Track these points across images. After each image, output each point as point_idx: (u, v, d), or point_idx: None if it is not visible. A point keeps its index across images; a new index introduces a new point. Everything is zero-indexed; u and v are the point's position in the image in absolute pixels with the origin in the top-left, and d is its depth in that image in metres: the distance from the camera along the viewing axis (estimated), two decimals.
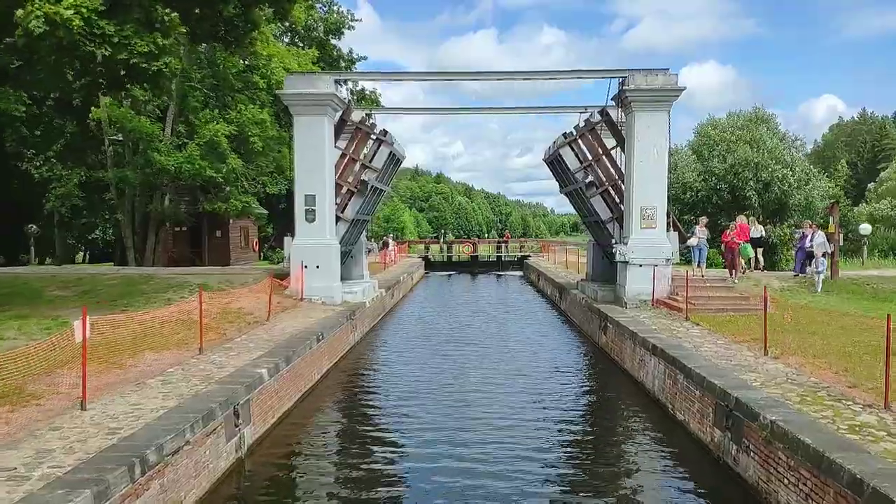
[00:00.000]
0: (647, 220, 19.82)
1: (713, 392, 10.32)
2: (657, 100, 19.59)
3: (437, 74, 20.15)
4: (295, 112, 20.06)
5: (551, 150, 22.94)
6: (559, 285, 27.86)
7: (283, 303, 19.14)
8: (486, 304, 30.13)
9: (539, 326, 23.69)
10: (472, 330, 22.63)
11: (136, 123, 29.01)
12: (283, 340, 14.13)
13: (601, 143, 21.40)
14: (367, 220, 24.38)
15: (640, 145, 19.70)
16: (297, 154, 20.11)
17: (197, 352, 12.71)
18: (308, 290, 19.88)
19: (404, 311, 28.05)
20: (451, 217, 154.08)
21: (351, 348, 18.49)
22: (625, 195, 20.53)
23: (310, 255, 19.91)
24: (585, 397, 14.66)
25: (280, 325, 16.38)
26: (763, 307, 17.81)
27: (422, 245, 58.41)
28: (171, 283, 20.55)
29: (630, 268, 19.67)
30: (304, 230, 20.11)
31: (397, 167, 24.53)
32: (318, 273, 19.94)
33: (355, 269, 25.23)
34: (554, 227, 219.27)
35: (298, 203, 20.11)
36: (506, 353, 18.68)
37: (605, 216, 21.13)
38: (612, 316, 17.75)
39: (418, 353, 18.88)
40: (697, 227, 21.11)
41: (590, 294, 22.25)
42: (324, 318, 17.64)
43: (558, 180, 24.52)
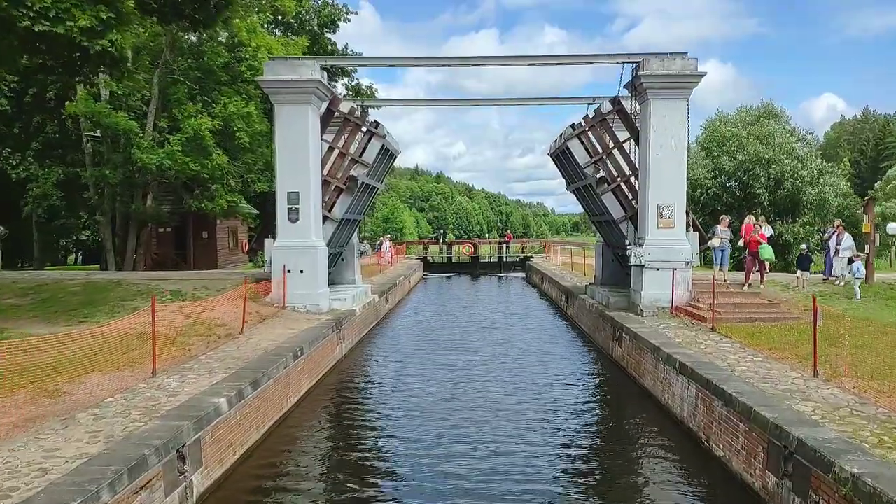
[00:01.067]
0: (664, 219, 17.98)
1: (763, 427, 8.48)
2: (675, 86, 17.76)
3: (432, 60, 18.36)
4: (276, 101, 18.23)
5: (557, 143, 21.11)
6: (566, 289, 26.01)
7: (263, 312, 17.31)
8: (488, 309, 28.29)
9: (545, 334, 21.84)
10: (473, 339, 20.81)
11: (114, 119, 27.19)
12: (254, 358, 12.29)
13: (613, 135, 19.55)
14: (358, 220, 22.55)
15: (656, 137, 17.87)
16: (278, 147, 18.28)
17: (150, 374, 10.88)
18: (291, 298, 18.03)
19: (400, 318, 26.21)
20: (451, 217, 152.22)
21: (337, 363, 16.64)
22: (639, 192, 18.70)
23: (293, 259, 18.07)
24: (599, 421, 12.81)
25: (255, 338, 14.55)
26: (797, 316, 16.13)
27: (420, 246, 56.55)
28: (142, 289, 18.75)
29: (646, 272, 17.83)
30: (287, 231, 18.27)
31: (391, 162, 22.69)
32: (303, 278, 18.10)
33: (346, 272, 23.41)
34: (555, 226, 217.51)
35: (280, 201, 18.27)
36: (509, 366, 16.87)
37: (618, 215, 19.29)
38: (628, 326, 15.91)
39: (412, 366, 17.06)
40: (719, 226, 19.25)
41: (600, 300, 20.41)
42: (306, 329, 15.81)
43: (565, 176, 22.67)
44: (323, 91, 18.47)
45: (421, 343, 20.31)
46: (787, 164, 39.98)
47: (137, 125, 28.27)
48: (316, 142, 18.63)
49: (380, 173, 21.99)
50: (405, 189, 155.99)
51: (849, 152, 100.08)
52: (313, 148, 18.33)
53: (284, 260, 18.07)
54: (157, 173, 28.53)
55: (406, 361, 17.66)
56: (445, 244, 53.60)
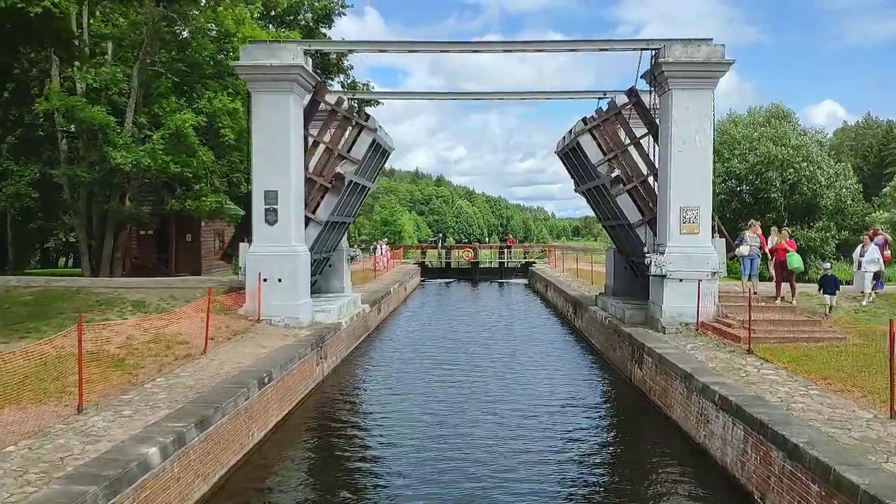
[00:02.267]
0: (687, 223, 16.01)
1: (852, 496, 6.49)
2: (700, 75, 15.82)
3: (428, 45, 16.41)
4: (253, 89, 16.27)
5: (566, 139, 19.14)
6: (573, 299, 24.01)
7: (234, 326, 15.31)
8: (489, 320, 26.28)
9: (551, 351, 19.82)
10: (473, 355, 18.81)
11: (88, 113, 25.21)
12: (209, 388, 10.29)
13: (629, 131, 17.59)
14: (347, 223, 20.56)
15: (679, 131, 15.92)
16: (255, 141, 16.31)
17: (74, 411, 8.88)
18: (267, 310, 16.03)
19: (393, 330, 24.19)
20: (451, 221, 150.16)
21: (316, 386, 14.61)
22: (659, 193, 16.73)
23: (270, 266, 16.08)
24: (621, 460, 10.80)
25: (219, 359, 12.55)
26: (842, 335, 14.11)
27: (418, 250, 54.53)
28: (102, 299, 16.75)
29: (668, 283, 15.84)
30: (264, 234, 16.29)
31: (383, 160, 20.72)
32: (280, 288, 16.10)
33: (334, 280, 21.42)
34: (555, 231, 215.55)
35: (256, 201, 16.30)
36: (513, 389, 14.90)
37: (634, 218, 17.31)
38: (651, 346, 13.91)
39: (404, 389, 15.07)
40: (747, 232, 17.25)
41: (614, 312, 18.40)
42: (281, 347, 13.81)
43: (574, 176, 20.69)
44: (306, 78, 16.51)
45: (415, 360, 18.31)
46: (804, 167, 38.04)
47: (115, 120, 26.31)
48: (298, 135, 16.67)
49: (371, 172, 20.01)
50: (405, 192, 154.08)
51: (851, 158, 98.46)
52: (295, 142, 16.36)
53: (260, 267, 16.08)
54: (136, 172, 26.61)
55: (397, 383, 15.66)
56: (444, 248, 51.54)
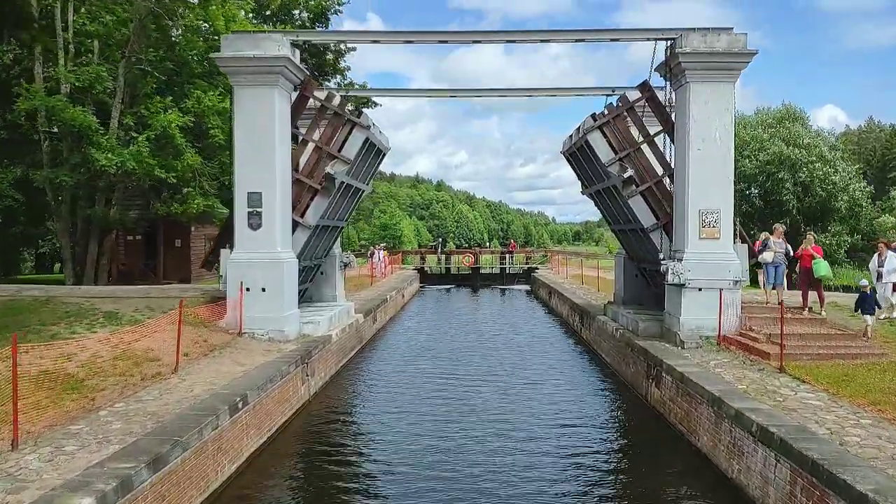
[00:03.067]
0: (707, 227, 14.74)
1: None
2: (720, 67, 14.58)
3: (424, 35, 15.15)
4: (236, 83, 15.04)
5: (573, 138, 17.88)
6: (579, 308, 22.70)
7: (212, 340, 14.02)
8: (490, 330, 24.97)
9: (557, 364, 18.50)
10: (473, 368, 17.52)
11: (69, 113, 23.97)
12: (173, 415, 9.01)
13: (642, 127, 16.32)
14: (339, 228, 19.28)
15: (697, 128, 14.67)
16: (237, 139, 15.08)
17: (9, 445, 7.59)
18: (249, 322, 14.75)
19: (389, 341, 22.88)
20: (452, 225, 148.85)
21: (302, 407, 13.29)
22: (675, 195, 15.47)
23: (253, 274, 14.81)
24: (637, 494, 9.47)
25: (190, 379, 11.27)
26: (881, 351, 12.79)
27: (418, 255, 53.22)
28: (72, 310, 15.48)
29: (686, 292, 14.56)
30: (247, 240, 15.02)
31: (378, 160, 19.45)
32: (265, 298, 14.82)
33: (326, 288, 20.15)
34: (556, 235, 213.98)
35: (239, 204, 15.05)
36: (516, 406, 13.63)
37: (648, 223, 16.03)
38: (670, 363, 12.61)
39: (398, 408, 13.78)
40: (772, 236, 15.96)
41: (626, 324, 17.11)
42: (262, 364, 12.52)
43: (581, 177, 19.41)
44: (293, 71, 15.27)
45: (411, 374, 17.02)
46: (817, 168, 36.68)
47: (97, 121, 25.07)
48: (284, 133, 15.42)
49: (365, 173, 18.74)
50: (405, 197, 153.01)
51: (855, 163, 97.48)
52: (280, 140, 15.11)
53: (242, 275, 14.81)
54: (121, 176, 25.44)
55: (391, 401, 14.37)
56: (444, 254, 50.21)
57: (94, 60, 26.86)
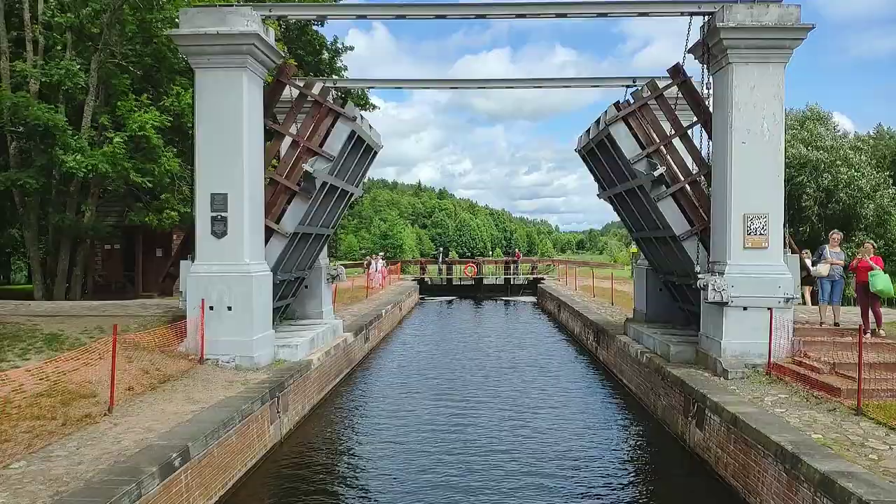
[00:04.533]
0: (753, 235, 12.48)
1: None
2: (769, 45, 12.36)
3: (419, 7, 12.94)
4: (197, 65, 12.86)
5: (591, 132, 15.65)
6: (595, 326, 20.38)
7: (168, 369, 11.77)
8: (494, 348, 22.68)
9: (572, 393, 16.19)
10: (475, 397, 15.22)
11: (34, 111, 21.84)
12: (83, 482, 6.77)
13: (674, 118, 14.10)
14: (324, 236, 17.03)
15: (742, 118, 12.45)
16: (198, 131, 12.90)
17: None
18: (213, 347, 12.50)
19: (382, 362, 20.55)
20: (454, 234, 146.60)
21: (268, 454, 10.97)
22: (714, 197, 13.21)
23: (216, 289, 12.57)
24: None
25: (126, 422, 9.02)
26: None
27: (417, 265, 50.91)
28: (8, 331, 13.24)
29: (728, 312, 12.28)
30: (210, 249, 12.79)
31: (369, 158, 17.20)
32: (230, 318, 12.57)
33: (310, 304, 17.91)
34: (559, 244, 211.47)
35: (201, 208, 12.83)
36: (524, 442, 11.36)
37: (681, 229, 13.77)
38: (716, 399, 10.32)
39: (388, 444, 11.50)
40: (828, 246, 13.68)
41: (653, 346, 14.82)
42: (219, 402, 10.25)
43: (599, 177, 17.15)
44: (265, 53, 13.09)
45: (406, 403, 14.74)
46: (842, 172, 34.41)
47: (66, 120, 22.95)
48: (255, 124, 13.22)
49: (353, 173, 16.51)
50: (407, 205, 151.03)
51: (884, 168, 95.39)
52: (250, 132, 12.91)
53: (204, 291, 12.57)
54: (94, 180, 23.39)
55: (381, 437, 12.10)
56: (445, 263, 47.87)
57: (66, 55, 24.87)
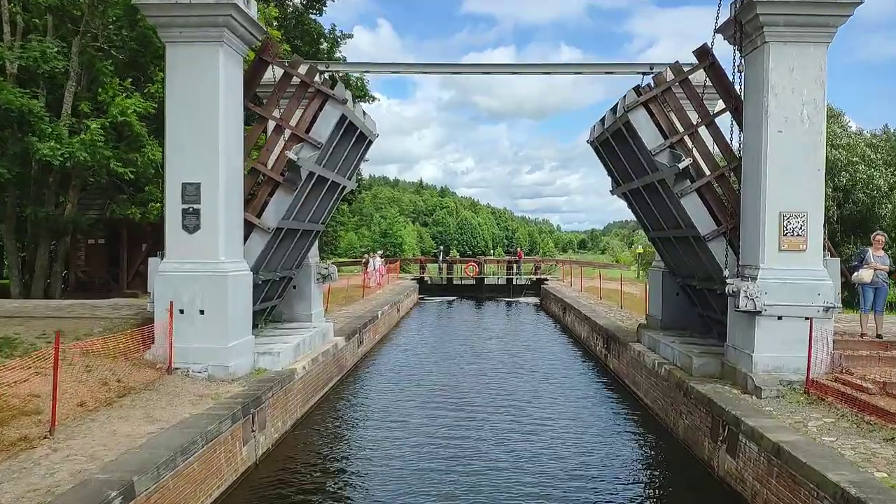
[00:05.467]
0: (790, 236, 11.12)
1: None
2: (811, 22, 10.99)
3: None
4: (167, 38, 11.50)
5: (607, 122, 14.27)
6: (605, 332, 19.01)
7: (131, 380, 10.43)
8: (496, 352, 21.34)
9: (581, 405, 14.84)
10: (475, 409, 13.88)
11: (6, 95, 20.49)
12: None
13: (701, 105, 12.72)
14: (313, 232, 15.67)
15: (779, 103, 11.08)
16: (169, 112, 11.53)
17: None
18: (183, 354, 11.15)
19: (376, 367, 19.20)
20: (455, 232, 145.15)
21: (239, 481, 9.59)
22: (744, 193, 11.84)
23: (187, 290, 11.22)
24: None
25: (68, 447, 7.68)
26: None
27: (417, 264, 49.53)
28: None
29: (761, 322, 10.92)
30: (180, 245, 11.44)
31: (362, 148, 15.83)
32: (203, 322, 11.22)
33: (299, 306, 16.58)
34: (560, 243, 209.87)
35: (170, 199, 11.47)
36: (532, 463, 9.98)
37: (706, 228, 12.40)
38: (752, 424, 8.96)
39: (379, 468, 10.16)
40: (870, 249, 12.30)
41: (672, 357, 13.46)
42: (184, 420, 8.90)
43: (614, 171, 15.77)
44: (244, 26, 11.73)
45: (400, 415, 13.39)
46: (860, 171, 33.01)
47: (42, 106, 21.59)
48: (233, 106, 11.86)
49: (345, 164, 15.14)
50: (408, 203, 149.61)
51: None
52: (227, 115, 11.56)
53: (174, 292, 11.21)
54: (75, 170, 22.17)
55: (370, 461, 10.75)
56: (445, 262, 46.46)
57: (46, 38, 23.52)
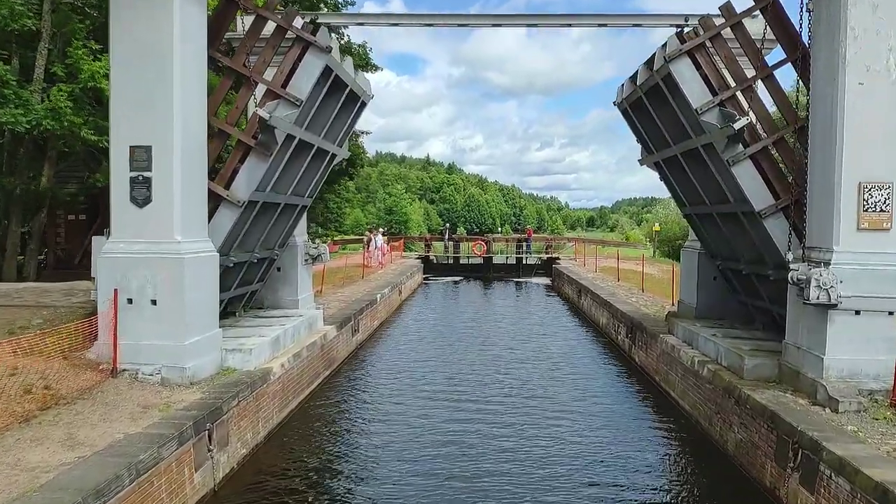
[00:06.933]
0: (872, 212, 9.07)
1: None
2: None
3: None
4: None
5: (641, 77, 12.09)
6: (630, 320, 17.00)
7: (64, 385, 8.55)
8: (506, 337, 19.43)
9: (604, 409, 12.91)
10: (486, 401, 12.00)
11: None
12: None
13: (756, 53, 10.58)
14: (298, 206, 13.66)
15: (860, 49, 8.97)
16: (114, 63, 9.52)
17: None
18: (130, 353, 9.26)
19: (373, 360, 17.28)
20: (462, 209, 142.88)
21: None
22: (812, 160, 9.75)
23: (136, 276, 9.30)
24: None
25: None
26: None
27: (422, 242, 47.51)
28: None
29: (835, 317, 8.92)
30: (128, 221, 9.50)
31: (354, 110, 13.68)
32: (155, 314, 9.31)
33: (283, 290, 14.68)
34: (569, 221, 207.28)
35: (116, 166, 9.51)
36: (547, 480, 8.13)
37: (761, 202, 10.34)
38: (843, 455, 7.00)
39: (363, 494, 8.31)
40: None
41: (714, 354, 11.49)
42: (117, 442, 7.02)
43: (646, 136, 13.61)
44: None
45: (395, 420, 11.54)
46: None
47: (6, 68, 19.62)
48: (192, 55, 9.81)
49: (333, 127, 13.05)
50: (415, 179, 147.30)
51: None
52: (185, 65, 9.52)
53: (120, 277, 9.30)
54: (50, 139, 20.47)
55: (358, 477, 8.92)
56: (452, 240, 44.40)
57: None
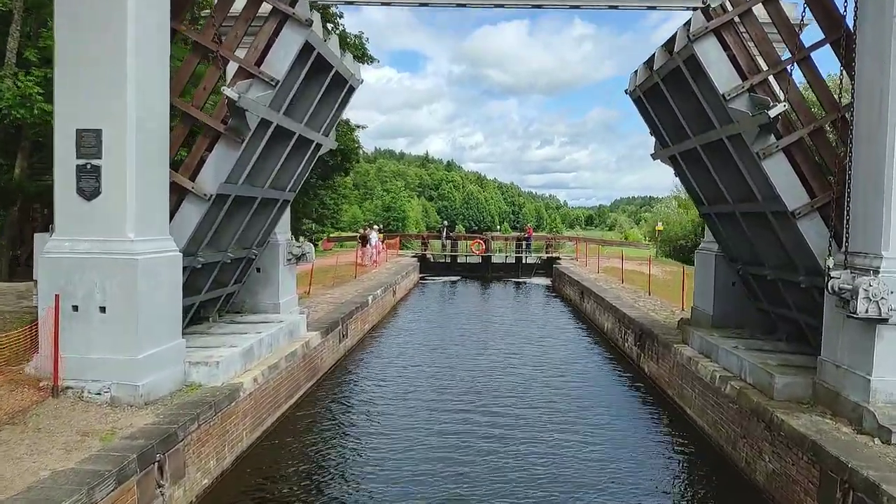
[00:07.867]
0: None
1: None
2: None
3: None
4: None
5: (658, 61, 10.89)
6: (639, 327, 15.79)
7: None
8: (504, 343, 18.27)
9: (611, 431, 11.75)
10: (487, 415, 10.82)
11: None
12: None
13: (792, 33, 9.39)
14: (279, 201, 12.45)
15: None
16: (58, 34, 8.33)
17: None
18: (75, 368, 8.07)
19: (361, 369, 16.07)
20: (461, 206, 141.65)
21: None
22: (856, 154, 8.54)
23: (84, 280, 8.11)
24: None
25: None
26: None
27: (419, 240, 46.28)
28: None
29: (884, 332, 7.76)
30: (74, 217, 8.30)
31: (342, 95, 12.43)
32: (105, 324, 8.12)
33: (264, 293, 13.49)
34: (568, 219, 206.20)
35: (61, 153, 8.31)
36: None
37: (796, 201, 9.16)
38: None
39: None
40: None
41: (738, 369, 10.31)
42: (39, 482, 5.84)
43: (660, 127, 12.39)
44: None
45: (381, 441, 10.36)
46: None
47: None
48: (151, 27, 8.60)
49: (317, 113, 11.83)
50: (414, 176, 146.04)
51: None
52: (141, 39, 8.32)
53: (64, 281, 8.11)
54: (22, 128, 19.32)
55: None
56: (449, 238, 43.15)
57: None
